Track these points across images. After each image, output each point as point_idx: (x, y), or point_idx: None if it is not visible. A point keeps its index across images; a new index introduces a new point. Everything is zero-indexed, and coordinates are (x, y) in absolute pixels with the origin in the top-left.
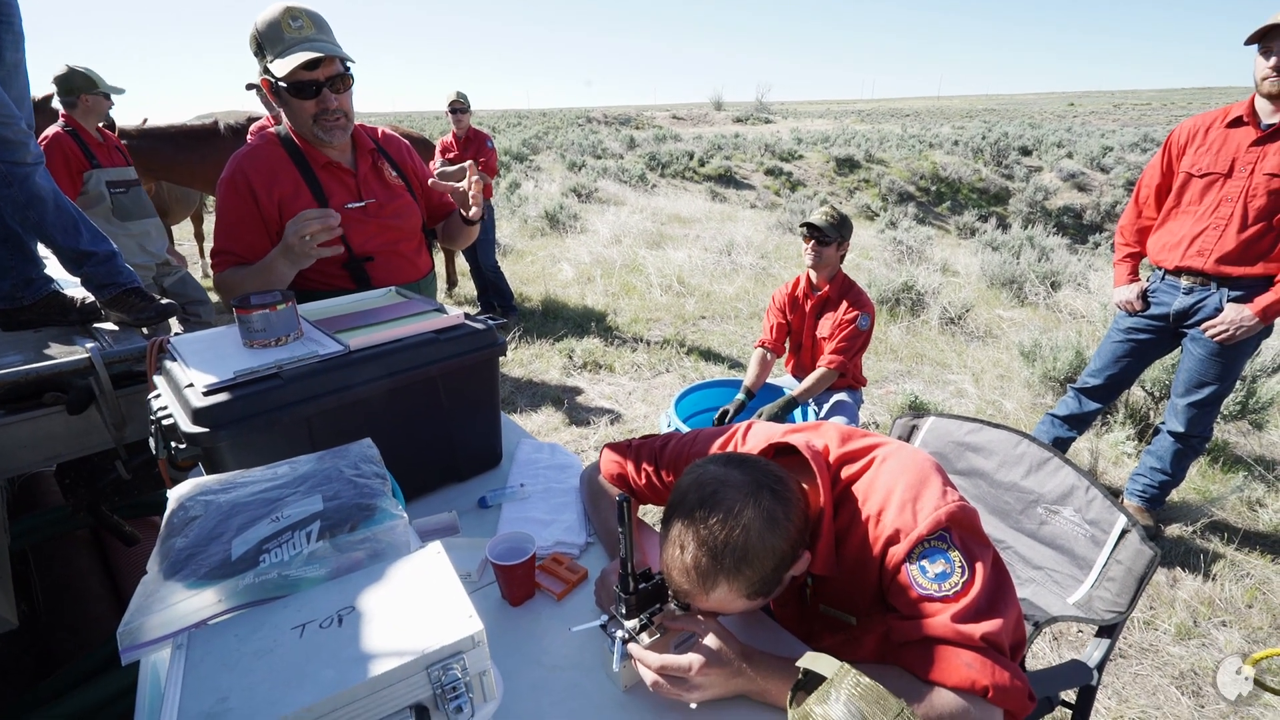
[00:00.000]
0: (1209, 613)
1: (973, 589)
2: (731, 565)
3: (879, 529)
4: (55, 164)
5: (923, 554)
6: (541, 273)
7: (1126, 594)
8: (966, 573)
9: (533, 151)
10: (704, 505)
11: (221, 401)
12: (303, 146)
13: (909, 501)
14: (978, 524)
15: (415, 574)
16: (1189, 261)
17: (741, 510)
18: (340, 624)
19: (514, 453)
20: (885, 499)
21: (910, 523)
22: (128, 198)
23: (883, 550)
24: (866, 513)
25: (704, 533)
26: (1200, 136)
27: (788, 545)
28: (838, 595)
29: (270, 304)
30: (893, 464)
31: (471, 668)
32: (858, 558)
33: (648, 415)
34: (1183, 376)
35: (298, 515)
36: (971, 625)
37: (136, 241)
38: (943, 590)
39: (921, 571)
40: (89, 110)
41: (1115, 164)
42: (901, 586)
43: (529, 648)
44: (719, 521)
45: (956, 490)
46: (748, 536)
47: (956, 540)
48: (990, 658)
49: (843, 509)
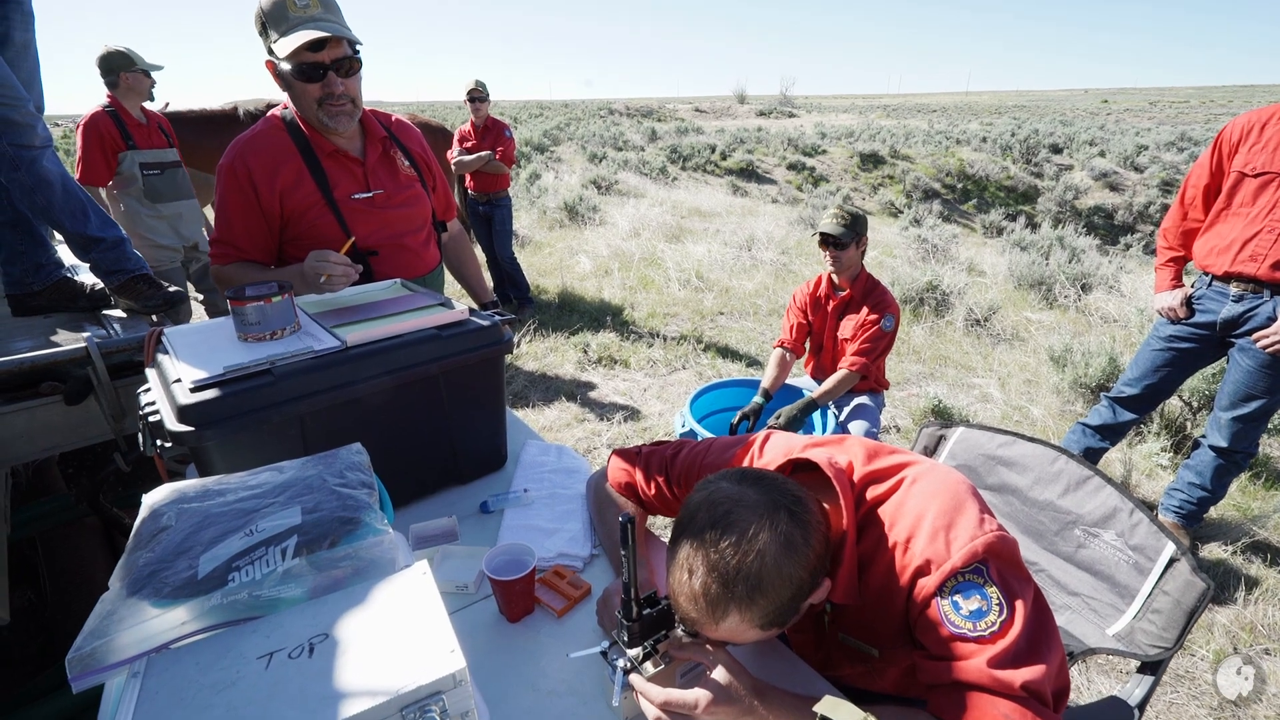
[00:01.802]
0: (1250, 639)
1: (1011, 630)
2: (744, 594)
3: (907, 557)
4: (91, 144)
5: (956, 588)
6: (559, 265)
7: (1174, 629)
8: (1005, 611)
9: (554, 143)
10: (715, 527)
11: (208, 399)
12: (308, 133)
13: (942, 529)
14: (1018, 556)
15: (397, 598)
16: (1240, 267)
17: (757, 533)
18: (311, 654)
19: (519, 454)
20: (915, 525)
21: (943, 553)
22: (161, 180)
23: (911, 581)
24: (894, 539)
25: (715, 557)
26: (1255, 133)
27: (806, 572)
28: (859, 625)
29: (266, 296)
30: (924, 485)
31: (452, 708)
32: (883, 587)
33: (663, 413)
34: (1228, 389)
35: (273, 529)
36: (1010, 672)
37: (168, 223)
38: (978, 630)
39: (954, 608)
40: (130, 89)
41: (1150, 163)
42: (931, 623)
43: (525, 670)
44: (732, 545)
45: (995, 518)
46: (763, 562)
47: (994, 575)
48: (1032, 709)
49: (867, 533)
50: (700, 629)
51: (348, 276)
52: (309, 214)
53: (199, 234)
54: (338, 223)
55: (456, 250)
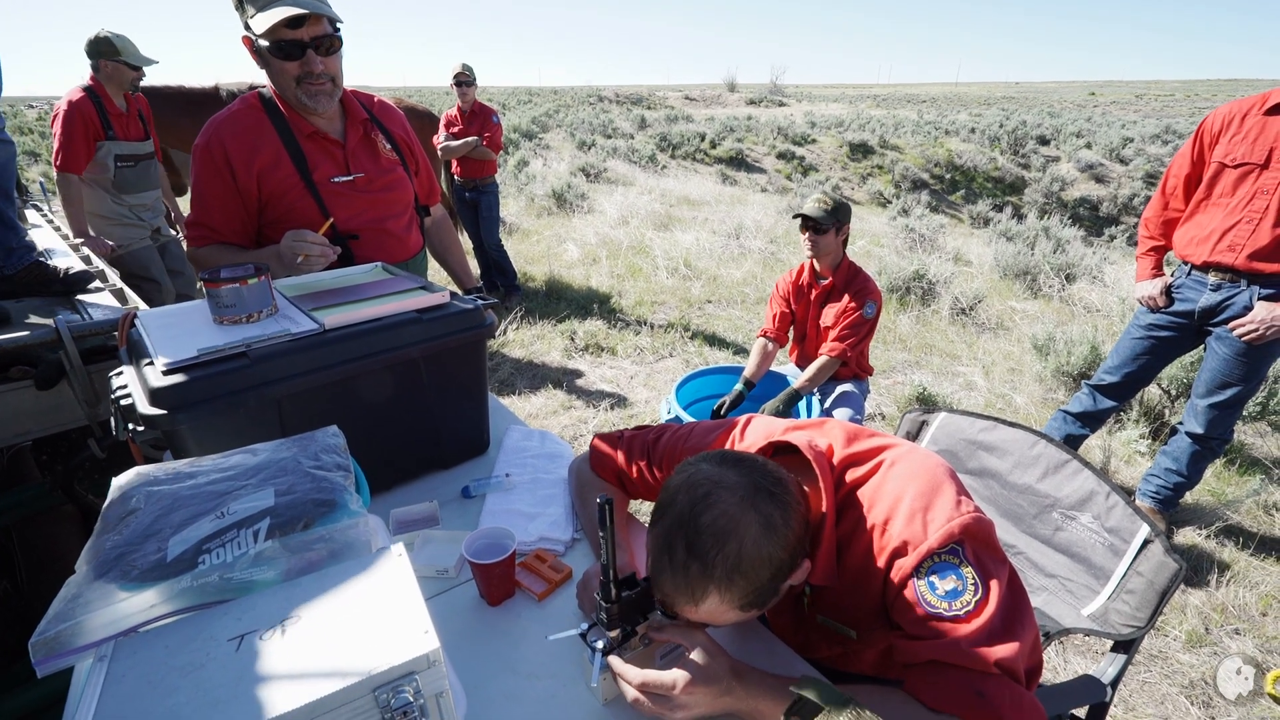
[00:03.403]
0: (1221, 620)
1: (986, 609)
2: (724, 575)
3: (885, 539)
4: (74, 131)
5: (932, 569)
6: (546, 252)
7: (1146, 608)
8: (980, 591)
9: (542, 129)
10: (695, 508)
11: (181, 382)
12: (287, 113)
13: (919, 511)
14: (994, 537)
15: (372, 580)
16: (1218, 257)
17: (737, 515)
18: (283, 636)
19: (502, 439)
20: (893, 507)
21: (920, 534)
22: (133, 172)
23: (888, 562)
24: (872, 520)
25: (695, 538)
26: (1236, 124)
27: (785, 554)
28: (837, 607)
29: (241, 278)
30: (902, 468)
31: (426, 689)
32: (861, 568)
33: (649, 400)
34: (1205, 376)
35: (245, 511)
36: (985, 650)
37: (131, 210)
38: (953, 609)
39: (930, 588)
40: (109, 77)
41: (1135, 155)
42: (908, 603)
43: (505, 653)
44: (712, 526)
45: (972, 500)
46: (742, 544)
47: (970, 555)
48: (1004, 685)
49: (846, 515)
50: (680, 610)
51: (325, 257)
52: (287, 197)
53: (160, 220)
54: (317, 206)
55: (440, 235)
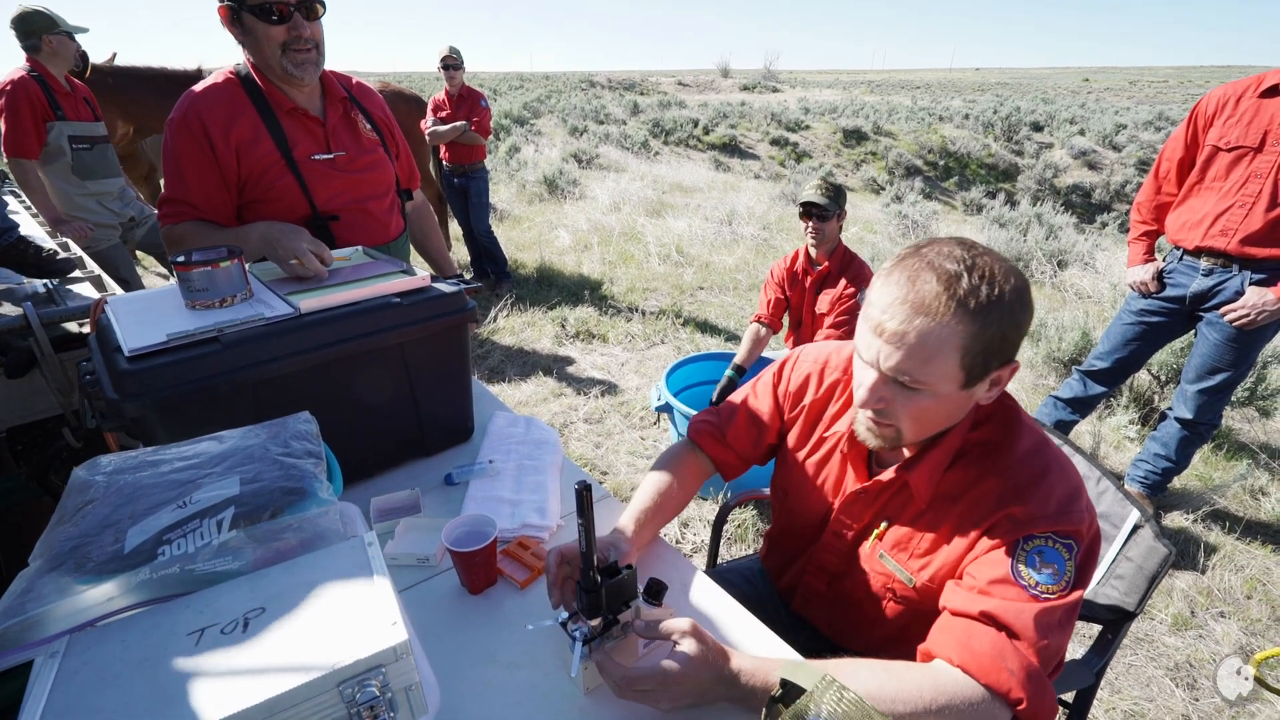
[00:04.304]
0: (1207, 603)
1: (1063, 602)
2: (989, 299)
3: (1013, 495)
4: (19, 111)
5: (1042, 549)
6: (538, 239)
7: (1136, 593)
8: (1068, 590)
9: (534, 115)
10: (961, 245)
11: (149, 367)
12: (265, 88)
13: (1066, 496)
14: (1097, 558)
15: (341, 570)
16: (1210, 241)
17: (1007, 269)
18: (245, 629)
19: (487, 426)
20: (1040, 474)
21: (1052, 512)
22: (91, 155)
23: (1002, 518)
24: (1010, 474)
25: (966, 259)
26: (1231, 107)
27: (1021, 336)
28: (908, 542)
29: (214, 261)
30: (1059, 452)
31: (395, 682)
32: (960, 498)
33: (640, 387)
34: (1195, 362)
35: (208, 500)
36: (1041, 630)
37: (98, 200)
38: (1036, 590)
39: (1030, 561)
40: (54, 53)
41: (1128, 142)
42: (995, 562)
43: (485, 642)
44: (983, 256)
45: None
46: (1008, 289)
47: (1079, 557)
48: (1036, 677)
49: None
50: (893, 353)
51: (319, 276)
52: (268, 175)
53: (135, 207)
54: (298, 184)
55: (420, 222)
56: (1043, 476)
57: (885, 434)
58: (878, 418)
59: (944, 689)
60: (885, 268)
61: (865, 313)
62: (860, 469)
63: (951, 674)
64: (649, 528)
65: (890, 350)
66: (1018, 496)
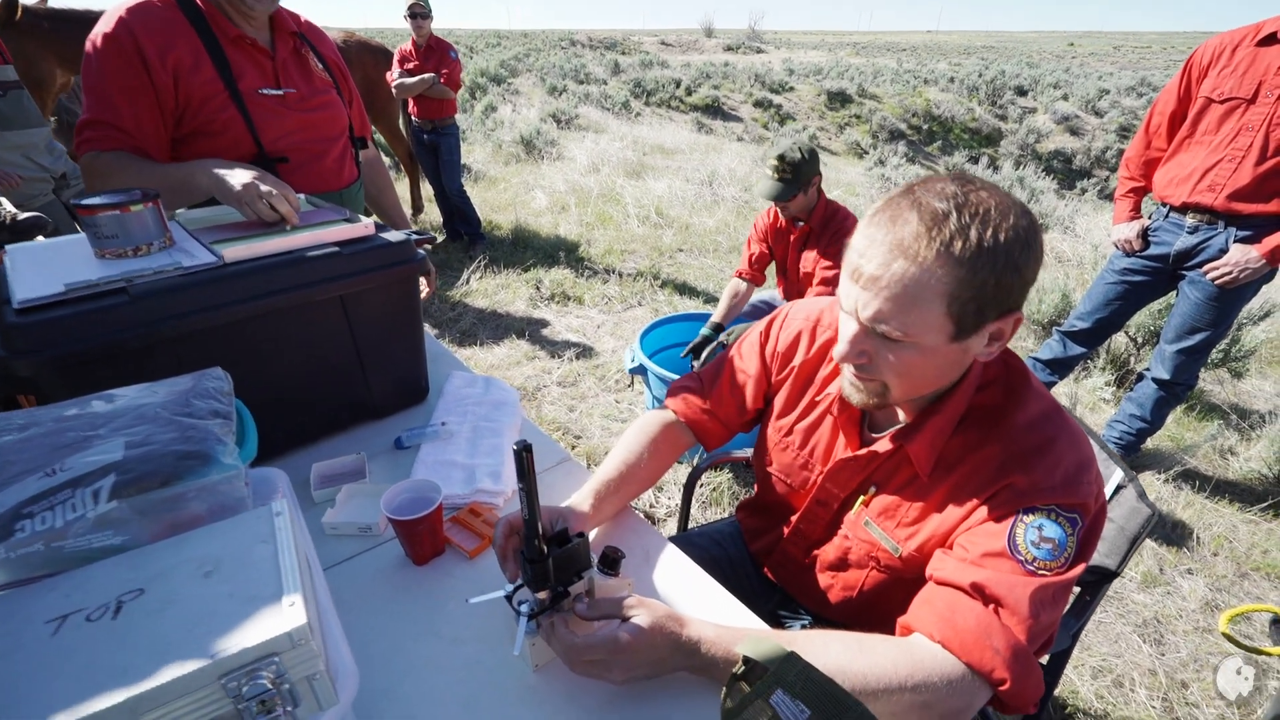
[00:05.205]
0: (1175, 560)
1: (1058, 579)
2: (979, 240)
3: (1013, 466)
4: None
5: (1044, 520)
6: (513, 200)
7: (1116, 554)
8: (1066, 565)
9: (511, 74)
10: (957, 180)
11: (43, 320)
12: (206, 10)
13: (1075, 466)
14: (1100, 533)
15: (238, 544)
16: (1197, 197)
17: (1008, 207)
18: (116, 615)
19: (444, 386)
20: (1053, 439)
21: (1059, 483)
22: (5, 102)
23: (1002, 487)
24: (1013, 441)
25: (959, 195)
26: (1226, 56)
27: (1024, 284)
28: (896, 510)
29: (123, 204)
30: (1073, 422)
31: (293, 672)
32: (956, 465)
33: (615, 349)
34: (1175, 321)
35: (83, 468)
36: (1032, 607)
37: (21, 152)
38: (1033, 564)
39: (1027, 532)
40: None
41: (1110, 108)
42: (990, 533)
43: (429, 615)
44: (979, 192)
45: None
46: (1005, 229)
47: (1083, 532)
48: (1023, 656)
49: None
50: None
51: (289, 220)
52: (209, 105)
53: (66, 163)
54: (243, 119)
55: (374, 176)
56: (1050, 445)
57: (870, 389)
58: (860, 373)
59: (920, 665)
60: (873, 208)
61: (845, 257)
62: (852, 435)
63: (930, 649)
64: (610, 502)
65: (868, 297)
66: (1021, 465)
